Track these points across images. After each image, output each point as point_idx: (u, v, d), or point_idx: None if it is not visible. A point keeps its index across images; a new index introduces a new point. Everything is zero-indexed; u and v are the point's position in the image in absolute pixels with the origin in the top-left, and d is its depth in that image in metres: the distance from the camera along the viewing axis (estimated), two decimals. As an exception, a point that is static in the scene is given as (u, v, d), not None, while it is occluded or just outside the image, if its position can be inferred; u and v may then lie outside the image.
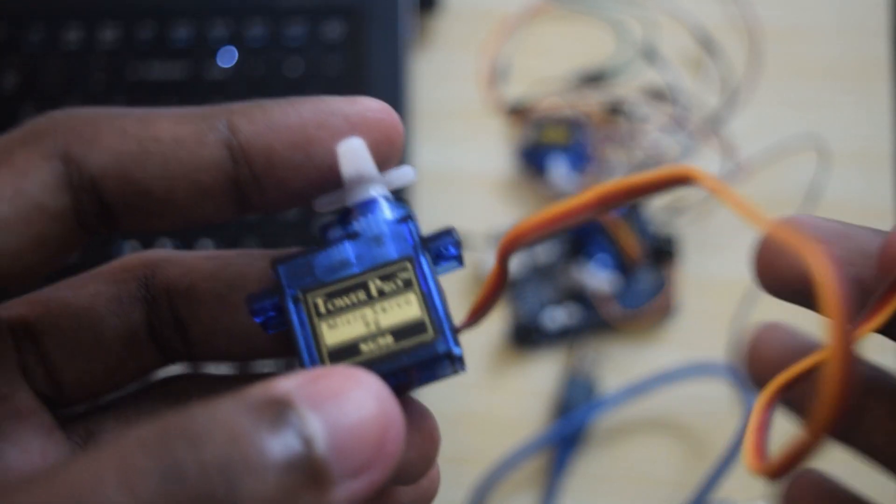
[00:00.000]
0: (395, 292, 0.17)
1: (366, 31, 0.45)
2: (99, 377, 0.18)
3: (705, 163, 0.46)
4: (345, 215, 0.18)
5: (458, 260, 0.18)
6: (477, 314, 0.18)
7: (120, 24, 0.45)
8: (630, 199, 0.15)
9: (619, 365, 0.44)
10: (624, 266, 0.44)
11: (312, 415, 0.14)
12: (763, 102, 0.47)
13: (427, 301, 0.17)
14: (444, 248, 0.18)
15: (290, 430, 0.13)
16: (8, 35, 0.45)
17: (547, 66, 0.48)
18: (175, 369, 0.20)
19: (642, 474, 0.43)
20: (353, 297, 0.17)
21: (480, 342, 0.44)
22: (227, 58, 0.45)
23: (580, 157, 0.45)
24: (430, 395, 0.43)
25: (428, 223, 0.49)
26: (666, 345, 0.44)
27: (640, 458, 0.43)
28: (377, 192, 0.18)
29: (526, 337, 0.44)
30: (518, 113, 0.47)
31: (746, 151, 0.46)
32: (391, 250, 0.17)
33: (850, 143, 0.46)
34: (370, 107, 0.17)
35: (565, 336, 0.44)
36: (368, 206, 0.17)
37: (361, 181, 0.17)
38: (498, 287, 0.18)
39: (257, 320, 0.17)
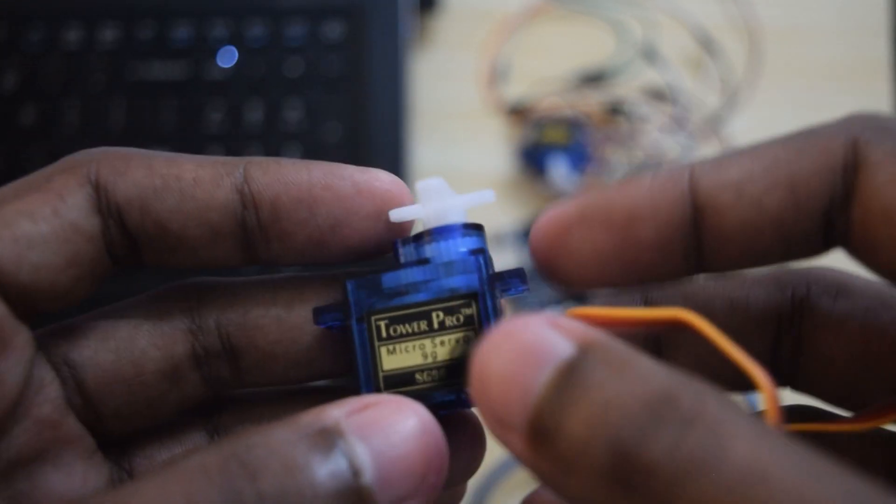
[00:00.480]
0: (457, 327, 0.17)
1: (366, 31, 0.45)
2: (139, 410, 0.18)
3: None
4: (420, 236, 0.18)
5: (524, 293, 0.18)
6: None
7: (120, 24, 0.45)
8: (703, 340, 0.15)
9: (619, 365, 0.44)
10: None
11: (361, 445, 0.14)
12: (763, 102, 0.47)
13: None
14: (509, 287, 0.18)
15: (340, 460, 0.14)
16: (8, 35, 0.45)
17: (547, 66, 0.48)
18: None
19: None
20: (415, 325, 0.17)
21: (480, 342, 0.44)
22: (227, 58, 0.45)
23: (580, 157, 0.45)
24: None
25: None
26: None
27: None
28: (454, 218, 0.18)
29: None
30: (518, 113, 0.47)
31: (746, 151, 0.46)
32: (460, 281, 0.17)
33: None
34: (380, 178, 0.18)
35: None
36: (443, 232, 0.18)
37: (439, 205, 0.18)
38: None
39: (322, 326, 0.18)
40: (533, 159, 0.45)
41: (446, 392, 0.17)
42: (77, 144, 0.43)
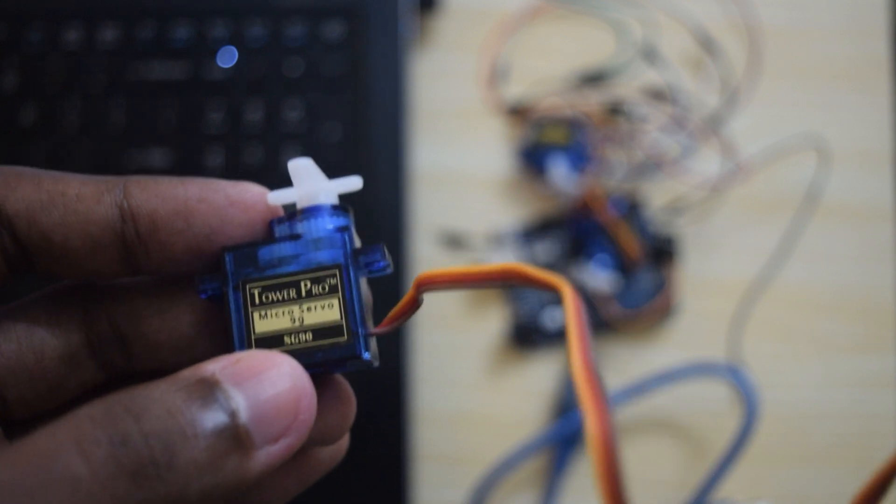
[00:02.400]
0: (322, 295, 0.19)
1: (366, 31, 0.45)
2: (42, 395, 0.20)
3: (705, 163, 0.46)
4: (293, 215, 0.20)
5: (386, 269, 0.20)
6: (389, 325, 0.20)
7: (120, 24, 0.45)
8: (526, 286, 0.18)
9: (619, 365, 0.44)
10: (624, 266, 0.44)
11: (235, 391, 0.16)
12: (763, 102, 0.47)
13: (347, 307, 0.19)
14: (372, 261, 0.19)
15: (216, 405, 0.16)
16: (8, 35, 0.45)
17: (547, 66, 0.48)
18: None
19: (642, 474, 0.43)
20: (285, 293, 0.19)
21: (480, 342, 0.44)
22: (227, 58, 0.45)
23: (580, 157, 0.45)
24: (429, 396, 0.43)
25: (428, 223, 0.49)
26: (666, 345, 0.44)
27: (640, 458, 0.43)
28: (324, 199, 0.20)
29: (526, 337, 0.44)
30: (518, 113, 0.47)
31: (746, 151, 0.46)
32: (326, 255, 0.19)
33: (850, 143, 0.46)
34: (250, 190, 0.20)
35: (565, 336, 0.44)
36: (313, 211, 0.20)
37: (310, 187, 0.20)
38: (409, 309, 0.20)
39: (203, 296, 0.19)
40: (533, 159, 0.45)
41: (312, 352, 0.19)
42: (77, 144, 0.44)
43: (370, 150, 0.43)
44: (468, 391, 0.44)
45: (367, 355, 0.19)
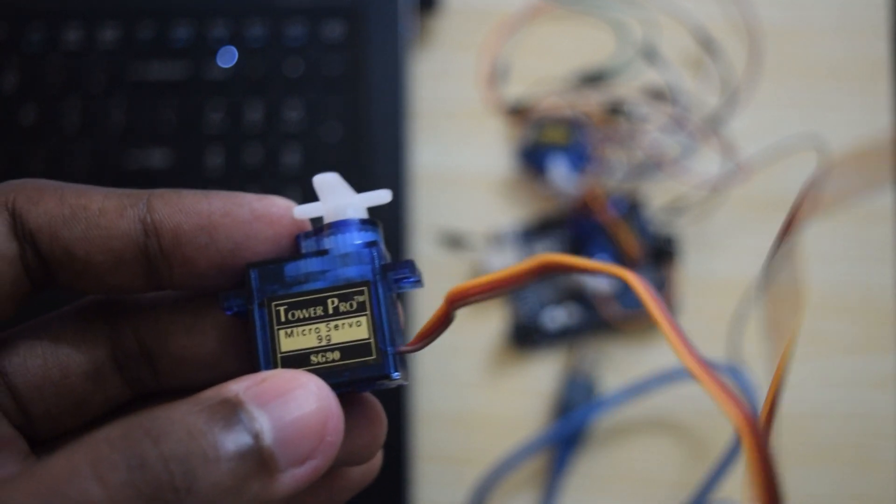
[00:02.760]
0: (350, 312, 0.18)
1: (366, 31, 0.45)
2: (67, 411, 0.19)
3: (705, 163, 0.46)
4: (321, 230, 0.19)
5: (416, 284, 0.20)
6: (420, 342, 0.20)
7: (120, 24, 0.45)
8: (566, 273, 0.17)
9: (619, 365, 0.44)
10: (624, 266, 0.44)
11: (259, 412, 0.16)
12: (763, 102, 0.47)
13: (376, 325, 0.18)
14: (401, 276, 0.19)
15: (240, 426, 0.15)
16: (8, 35, 0.45)
17: (547, 66, 0.48)
18: None
19: (642, 474, 0.43)
20: (311, 310, 0.18)
21: (480, 342, 0.44)
22: (227, 58, 0.45)
23: (580, 157, 0.45)
24: (429, 396, 0.43)
25: (428, 223, 0.49)
26: (666, 345, 0.44)
27: (640, 458, 0.43)
28: (352, 213, 0.19)
29: (526, 337, 0.44)
30: (518, 113, 0.47)
31: (746, 151, 0.46)
32: (353, 272, 0.19)
33: (850, 143, 0.46)
34: (276, 203, 0.19)
35: (565, 336, 0.44)
36: (341, 226, 0.19)
37: (338, 201, 0.19)
38: (441, 326, 0.20)
39: (227, 313, 0.19)
40: (533, 159, 0.45)
41: (340, 371, 0.18)
42: (77, 144, 0.44)
43: (370, 150, 0.43)
44: (468, 391, 0.44)
45: (396, 374, 0.18)
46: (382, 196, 0.20)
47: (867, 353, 0.44)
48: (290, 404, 0.16)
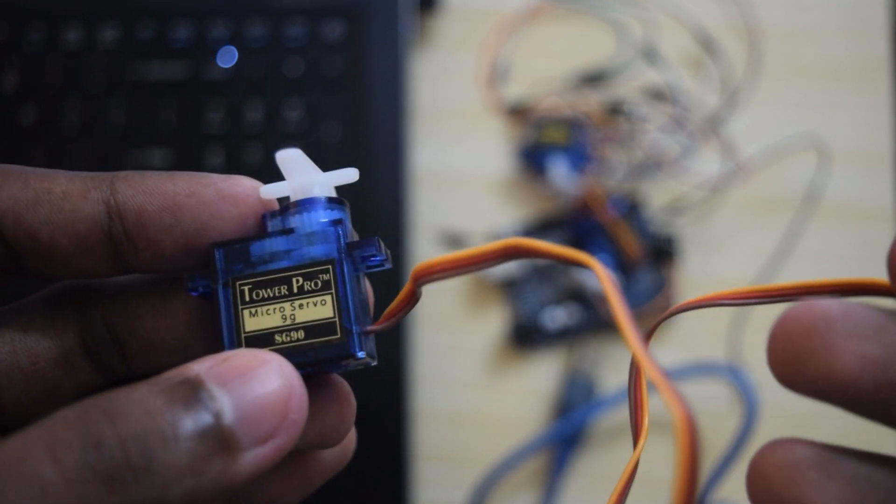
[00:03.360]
0: (314, 291, 0.18)
1: (366, 31, 0.45)
2: (37, 398, 0.19)
3: (705, 163, 0.46)
4: (286, 208, 0.19)
5: (384, 264, 0.19)
6: (386, 321, 0.19)
7: (120, 24, 0.45)
8: (533, 257, 0.17)
9: (619, 365, 0.44)
10: (624, 266, 0.44)
11: (220, 391, 0.16)
12: (763, 102, 0.47)
13: (341, 304, 0.18)
14: (367, 255, 0.19)
15: (200, 405, 0.15)
16: (8, 35, 0.45)
17: (547, 66, 0.48)
18: None
19: (642, 474, 0.43)
20: (276, 289, 0.18)
21: (480, 342, 0.44)
22: (227, 58, 0.45)
23: (580, 157, 0.45)
24: (429, 396, 0.43)
25: (428, 223, 0.49)
26: (666, 345, 0.44)
27: (641, 458, 0.43)
28: (318, 191, 0.19)
29: (526, 337, 0.44)
30: (518, 113, 0.47)
31: (746, 151, 0.46)
32: (319, 250, 0.18)
33: (850, 143, 0.46)
34: (241, 183, 0.19)
35: (565, 336, 0.44)
36: (307, 204, 0.19)
37: (304, 180, 0.19)
38: (407, 303, 0.19)
39: (193, 294, 0.19)
40: (533, 159, 0.45)
41: (304, 351, 0.18)
42: (77, 144, 0.44)
43: (370, 150, 0.43)
44: (468, 391, 0.44)
45: (361, 354, 0.18)
46: (349, 174, 0.20)
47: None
48: (251, 383, 0.16)
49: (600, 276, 0.16)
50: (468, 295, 0.45)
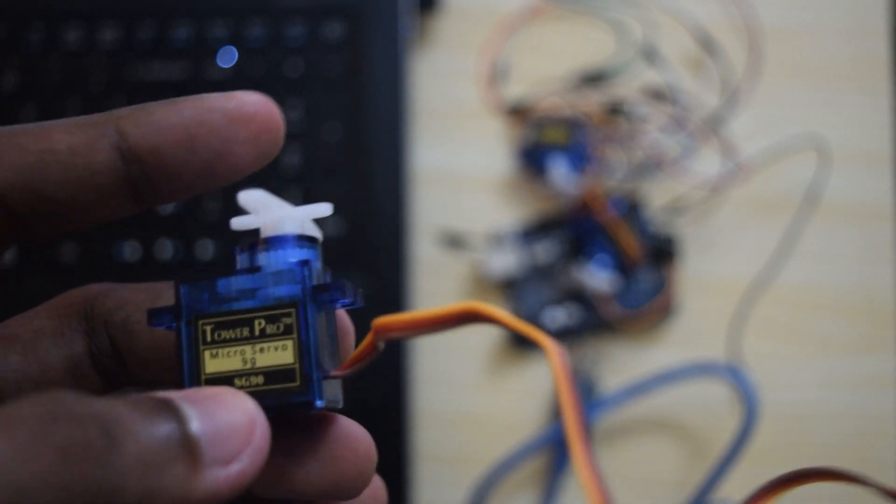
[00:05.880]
0: (276, 335, 0.18)
1: (366, 31, 0.45)
2: None
3: (705, 163, 0.46)
4: (255, 244, 0.19)
5: (351, 306, 0.18)
6: (348, 368, 0.19)
7: (120, 24, 0.45)
8: (490, 324, 0.17)
9: (619, 365, 0.44)
10: (624, 266, 0.44)
11: (188, 406, 0.15)
12: (763, 102, 0.47)
13: (302, 349, 0.17)
14: (334, 298, 0.18)
15: (166, 411, 0.15)
16: (8, 35, 0.45)
17: (547, 66, 0.48)
18: None
19: (642, 474, 0.43)
20: (237, 331, 0.18)
21: (480, 342, 0.44)
22: (227, 58, 0.45)
23: (580, 157, 0.45)
24: (429, 396, 0.43)
25: (428, 223, 0.49)
26: (666, 345, 0.44)
27: (640, 458, 0.43)
28: (289, 228, 0.19)
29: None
30: (518, 113, 0.47)
31: (746, 151, 0.46)
32: (283, 291, 0.18)
33: (850, 143, 0.46)
34: (247, 101, 0.18)
35: (565, 336, 0.44)
36: (275, 241, 0.18)
37: (275, 214, 0.18)
38: (367, 355, 0.18)
39: (159, 328, 0.18)
40: (533, 159, 0.45)
41: (263, 396, 0.17)
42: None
43: (370, 150, 0.43)
44: (468, 391, 0.44)
45: (320, 403, 0.17)
46: (321, 209, 0.19)
47: (867, 353, 0.44)
48: (219, 405, 0.16)
49: (552, 360, 0.16)
50: (468, 295, 0.45)
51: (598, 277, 0.43)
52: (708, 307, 0.44)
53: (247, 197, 0.19)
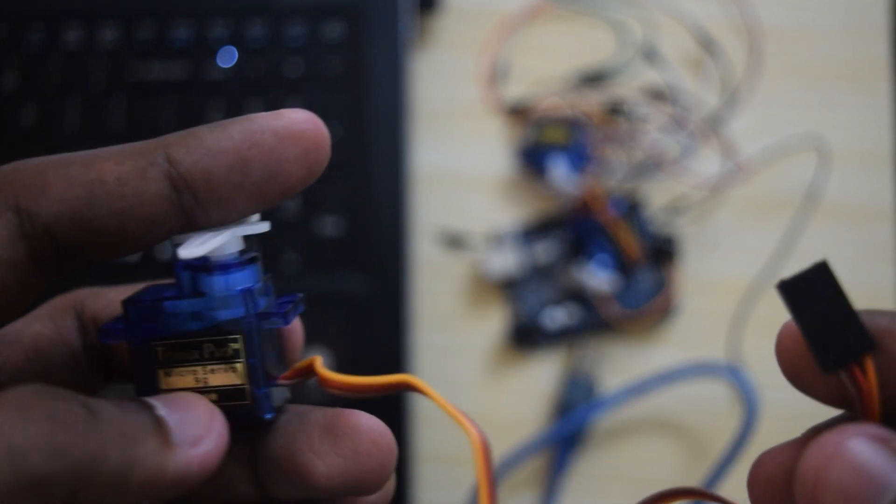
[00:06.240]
0: (224, 358, 0.19)
1: (366, 31, 0.45)
2: None
3: (705, 163, 0.46)
4: (200, 268, 0.19)
5: (289, 321, 0.19)
6: (292, 378, 0.20)
7: (120, 24, 0.45)
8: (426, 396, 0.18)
9: (619, 365, 0.44)
10: (624, 266, 0.44)
11: (155, 400, 0.17)
12: (763, 102, 0.47)
13: (249, 370, 0.18)
14: (274, 325, 0.19)
15: (138, 403, 0.17)
16: (8, 35, 0.45)
17: (547, 66, 0.48)
18: None
19: (642, 474, 0.43)
20: (188, 353, 0.19)
21: (480, 342, 0.44)
22: (227, 58, 0.45)
23: (580, 157, 0.45)
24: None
25: (428, 223, 0.49)
26: (666, 345, 0.44)
27: (640, 458, 0.43)
28: (231, 248, 0.19)
29: (526, 337, 0.44)
30: (518, 113, 0.47)
31: (746, 151, 0.46)
32: (228, 314, 0.18)
33: (850, 143, 0.46)
34: (296, 119, 0.18)
35: (565, 336, 0.44)
36: (219, 265, 0.19)
37: (217, 240, 0.18)
38: (304, 375, 0.20)
39: (108, 342, 0.19)
40: (533, 159, 0.45)
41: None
42: (77, 144, 0.44)
43: (370, 150, 0.43)
44: (468, 391, 0.44)
45: (269, 416, 0.19)
46: (260, 227, 0.19)
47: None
48: (181, 401, 0.17)
49: (473, 447, 0.17)
50: (468, 295, 0.45)
51: (598, 277, 0.43)
52: (708, 307, 0.44)
53: (189, 251, 0.18)
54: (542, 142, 0.45)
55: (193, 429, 0.17)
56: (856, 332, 0.17)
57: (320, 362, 0.19)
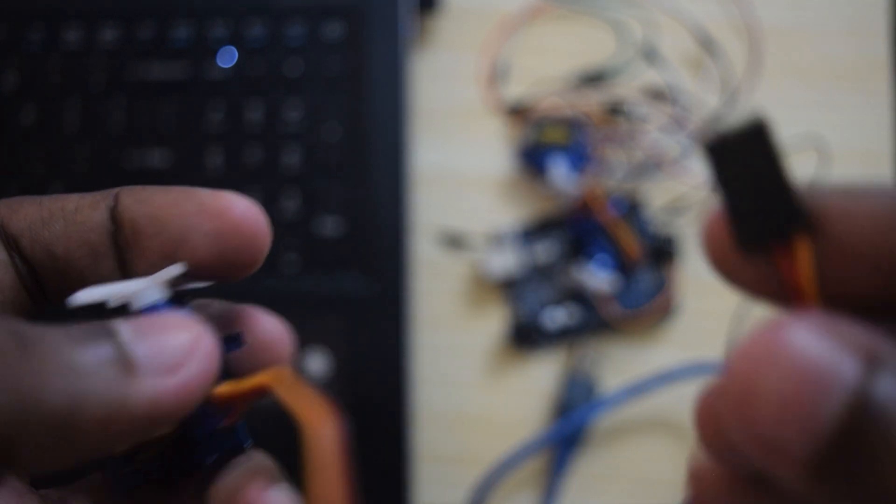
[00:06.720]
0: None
1: (366, 31, 0.45)
2: None
3: (706, 163, 0.46)
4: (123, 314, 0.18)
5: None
6: (236, 416, 0.20)
7: (120, 24, 0.45)
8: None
9: (619, 365, 0.44)
10: (624, 266, 0.44)
11: (127, 326, 0.16)
12: (763, 102, 0.47)
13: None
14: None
15: (99, 331, 0.16)
16: (8, 35, 0.45)
17: (547, 66, 0.48)
18: None
19: (642, 474, 0.43)
20: None
21: (480, 342, 0.44)
22: (227, 58, 0.45)
23: (580, 157, 0.45)
24: (429, 396, 0.43)
25: (428, 223, 0.49)
26: (666, 345, 0.44)
27: (640, 458, 0.43)
28: (152, 297, 0.19)
29: (526, 337, 0.44)
30: (518, 113, 0.47)
31: (746, 151, 0.46)
32: None
33: (850, 143, 0.46)
34: (223, 198, 0.19)
35: (565, 336, 0.44)
36: (148, 313, 0.18)
37: (131, 288, 0.18)
38: (253, 398, 0.19)
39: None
40: (533, 159, 0.45)
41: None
42: (77, 144, 0.44)
43: (370, 150, 0.43)
44: (468, 391, 0.44)
45: (248, 443, 0.19)
46: (173, 270, 0.19)
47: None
48: (161, 326, 0.16)
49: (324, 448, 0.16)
50: (468, 295, 0.45)
51: (598, 277, 0.43)
52: (708, 307, 0.44)
53: (88, 295, 0.18)
54: (542, 142, 0.45)
55: (168, 355, 0.16)
56: (788, 207, 0.13)
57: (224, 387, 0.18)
